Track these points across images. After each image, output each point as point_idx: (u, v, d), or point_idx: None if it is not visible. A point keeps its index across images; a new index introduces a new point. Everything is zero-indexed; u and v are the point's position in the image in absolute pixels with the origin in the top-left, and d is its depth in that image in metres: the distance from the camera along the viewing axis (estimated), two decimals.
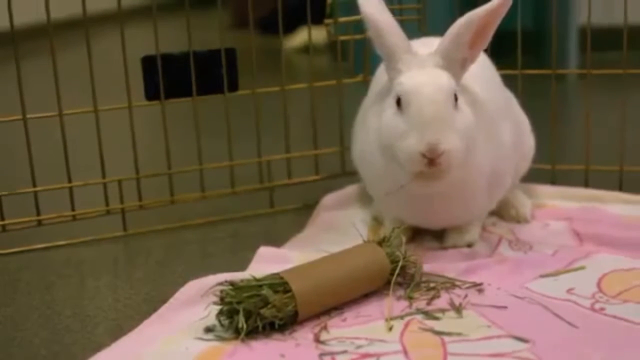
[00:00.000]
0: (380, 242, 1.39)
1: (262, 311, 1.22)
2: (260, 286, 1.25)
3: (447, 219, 1.55)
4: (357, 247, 1.39)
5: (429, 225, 1.58)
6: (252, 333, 1.23)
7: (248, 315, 1.22)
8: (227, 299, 1.24)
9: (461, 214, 1.54)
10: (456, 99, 1.40)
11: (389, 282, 1.37)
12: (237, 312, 1.23)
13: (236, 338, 1.22)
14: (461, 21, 1.43)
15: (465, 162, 1.40)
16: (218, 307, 1.26)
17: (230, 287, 1.26)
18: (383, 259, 1.36)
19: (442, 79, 1.40)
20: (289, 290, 1.25)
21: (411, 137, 1.36)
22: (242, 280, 1.28)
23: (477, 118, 1.44)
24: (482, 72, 1.59)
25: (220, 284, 1.30)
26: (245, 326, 1.21)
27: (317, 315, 1.29)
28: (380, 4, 1.48)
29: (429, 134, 1.34)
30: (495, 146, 1.50)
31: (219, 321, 1.26)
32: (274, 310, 1.23)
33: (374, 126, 1.48)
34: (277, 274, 1.29)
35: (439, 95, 1.37)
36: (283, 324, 1.25)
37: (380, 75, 1.60)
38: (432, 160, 1.34)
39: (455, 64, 1.44)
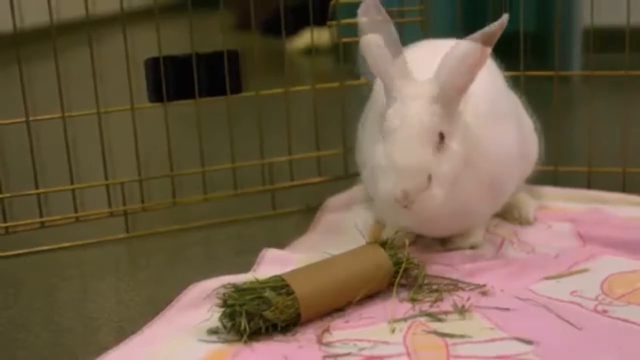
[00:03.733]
0: (383, 244, 1.39)
1: (265, 313, 1.22)
2: (263, 288, 1.25)
3: (449, 229, 1.55)
4: (359, 249, 1.39)
5: (431, 235, 1.57)
6: (255, 335, 1.23)
7: (250, 318, 1.22)
8: (229, 302, 1.24)
9: (463, 224, 1.54)
10: (442, 137, 1.37)
11: (392, 284, 1.37)
12: (240, 314, 1.23)
13: (239, 340, 1.22)
14: (459, 50, 1.38)
15: (452, 195, 1.39)
16: (221, 310, 1.25)
17: (232, 289, 1.26)
18: (386, 261, 1.36)
19: (427, 118, 1.36)
20: (292, 293, 1.25)
21: (388, 178, 1.35)
22: (244, 283, 1.28)
23: (478, 130, 1.43)
24: (486, 75, 1.58)
25: (223, 286, 1.29)
26: (247, 328, 1.21)
27: (320, 317, 1.29)
28: (382, 22, 1.44)
29: (402, 181, 1.33)
30: (495, 156, 1.49)
31: (222, 323, 1.26)
32: (276, 312, 1.23)
33: (369, 146, 1.47)
34: (279, 276, 1.29)
35: (418, 139, 1.34)
36: (286, 325, 1.25)
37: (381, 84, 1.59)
38: (405, 205, 1.34)
39: (453, 92, 1.39)
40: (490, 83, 1.58)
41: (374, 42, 1.43)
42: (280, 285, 1.26)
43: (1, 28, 1.93)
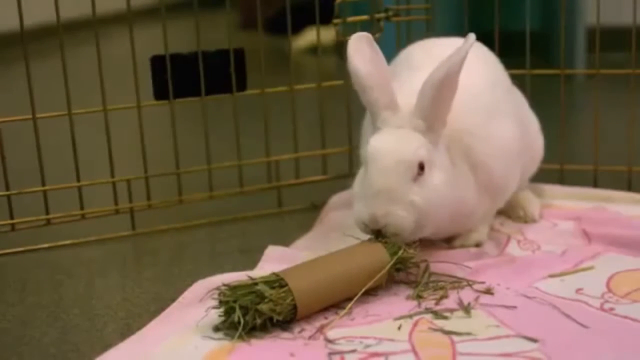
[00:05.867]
0: (384, 241, 1.38)
1: (259, 307, 1.22)
2: (255, 284, 1.25)
3: (451, 231, 1.55)
4: (358, 245, 1.38)
5: (434, 237, 1.57)
6: (259, 332, 1.23)
7: (245, 312, 1.22)
8: (224, 299, 1.24)
9: (463, 224, 1.54)
10: (422, 167, 1.36)
11: (395, 282, 1.37)
12: (234, 310, 1.23)
13: (240, 337, 1.22)
14: (435, 78, 1.37)
15: (432, 222, 1.39)
16: (219, 310, 1.25)
17: (226, 287, 1.26)
18: (384, 256, 1.34)
19: (408, 148, 1.36)
20: (285, 285, 1.25)
21: (361, 203, 1.37)
22: (237, 281, 1.28)
23: (474, 128, 1.45)
24: (484, 73, 1.58)
25: (217, 288, 1.29)
26: (242, 321, 1.21)
27: (325, 315, 1.29)
28: (372, 54, 1.43)
29: (372, 206, 1.34)
30: (493, 154, 1.50)
31: (222, 322, 1.26)
32: (271, 304, 1.23)
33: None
34: (273, 272, 1.29)
35: (395, 168, 1.35)
36: (290, 323, 1.25)
37: None
38: (374, 230, 1.35)
39: (436, 119, 1.40)
40: (488, 81, 1.58)
41: (363, 71, 1.42)
42: (272, 279, 1.26)
43: (1, 27, 1.93)
